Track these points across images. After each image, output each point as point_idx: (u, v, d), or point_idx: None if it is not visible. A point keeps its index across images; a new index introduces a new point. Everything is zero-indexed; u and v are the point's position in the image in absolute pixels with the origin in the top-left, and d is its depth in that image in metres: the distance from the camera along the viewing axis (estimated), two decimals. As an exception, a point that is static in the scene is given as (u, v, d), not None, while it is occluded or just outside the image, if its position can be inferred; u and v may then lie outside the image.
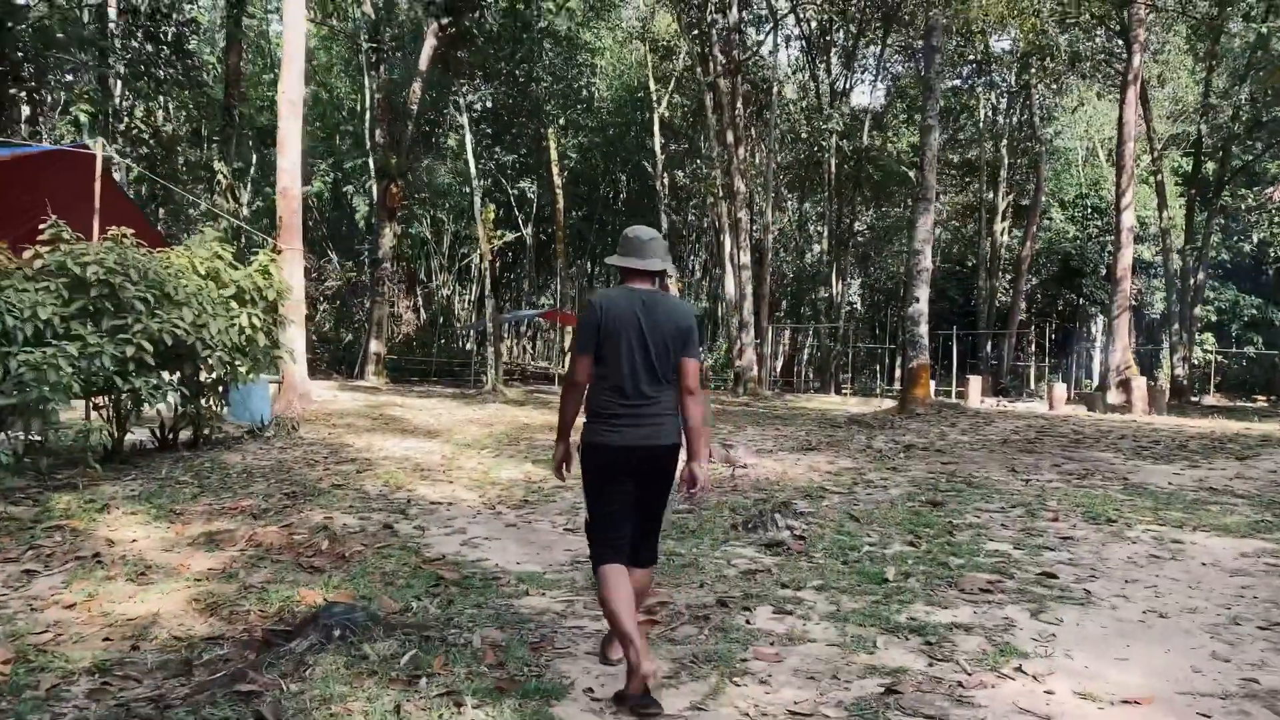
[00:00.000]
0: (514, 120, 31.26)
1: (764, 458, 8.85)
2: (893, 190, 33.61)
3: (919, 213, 14.73)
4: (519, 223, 33.92)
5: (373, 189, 26.98)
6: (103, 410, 7.92)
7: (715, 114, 24.14)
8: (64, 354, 6.33)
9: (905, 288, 18.32)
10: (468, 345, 34.88)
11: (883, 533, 5.56)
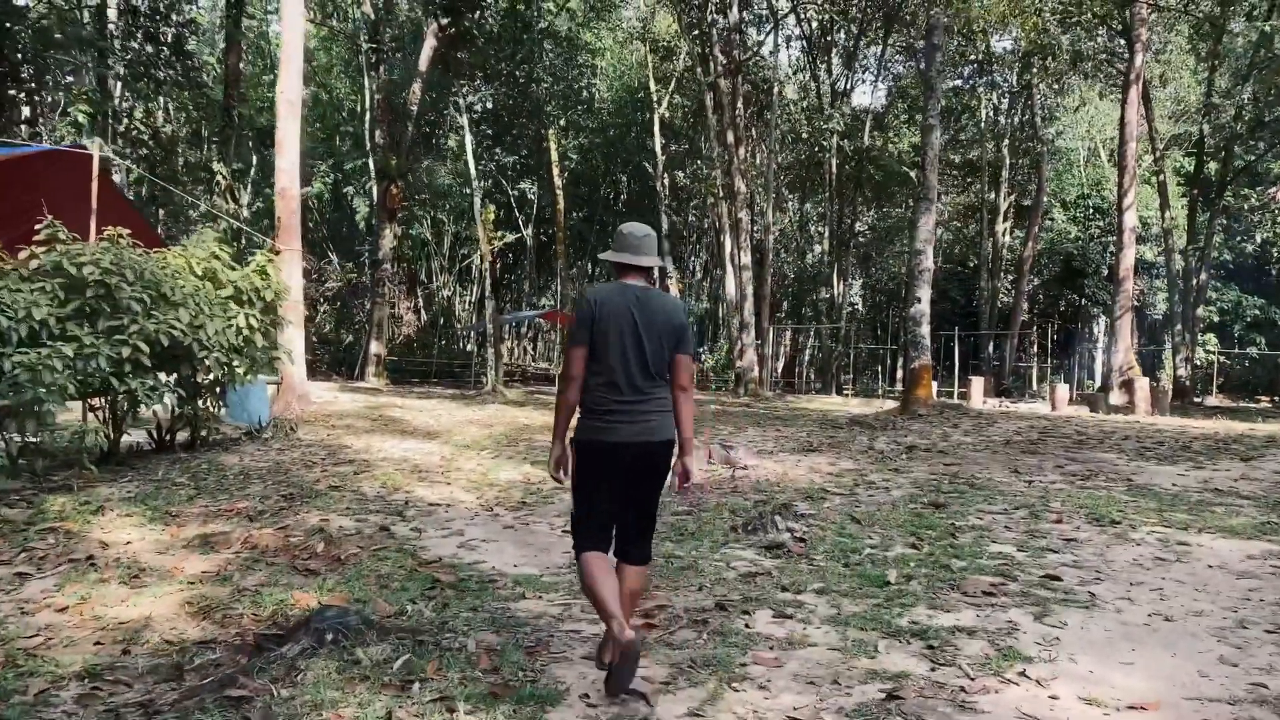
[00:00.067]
0: (514, 121, 31.24)
1: (764, 459, 8.80)
2: (894, 191, 33.56)
3: (920, 213, 14.69)
4: (519, 224, 33.89)
5: (373, 190, 26.97)
6: (99, 412, 7.88)
7: (716, 114, 24.10)
8: (59, 355, 6.29)
9: (907, 288, 18.28)
10: (468, 346, 34.85)
11: (884, 535, 5.50)
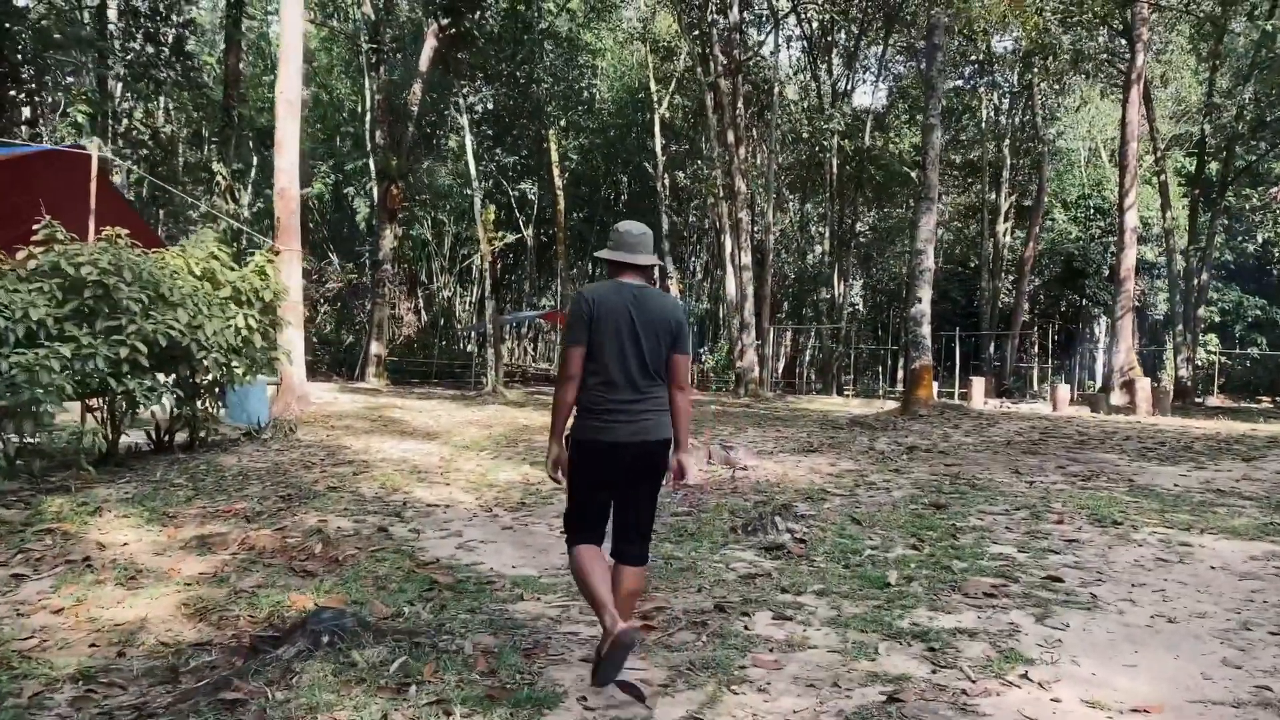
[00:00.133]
0: (515, 122, 31.24)
1: (765, 459, 8.77)
2: (895, 191, 33.52)
3: (921, 212, 14.66)
4: (520, 224, 33.87)
5: (373, 191, 26.95)
6: (97, 412, 7.86)
7: (716, 114, 24.07)
8: (57, 355, 6.27)
9: (908, 288, 18.25)
10: (469, 347, 34.83)
11: (885, 536, 5.47)
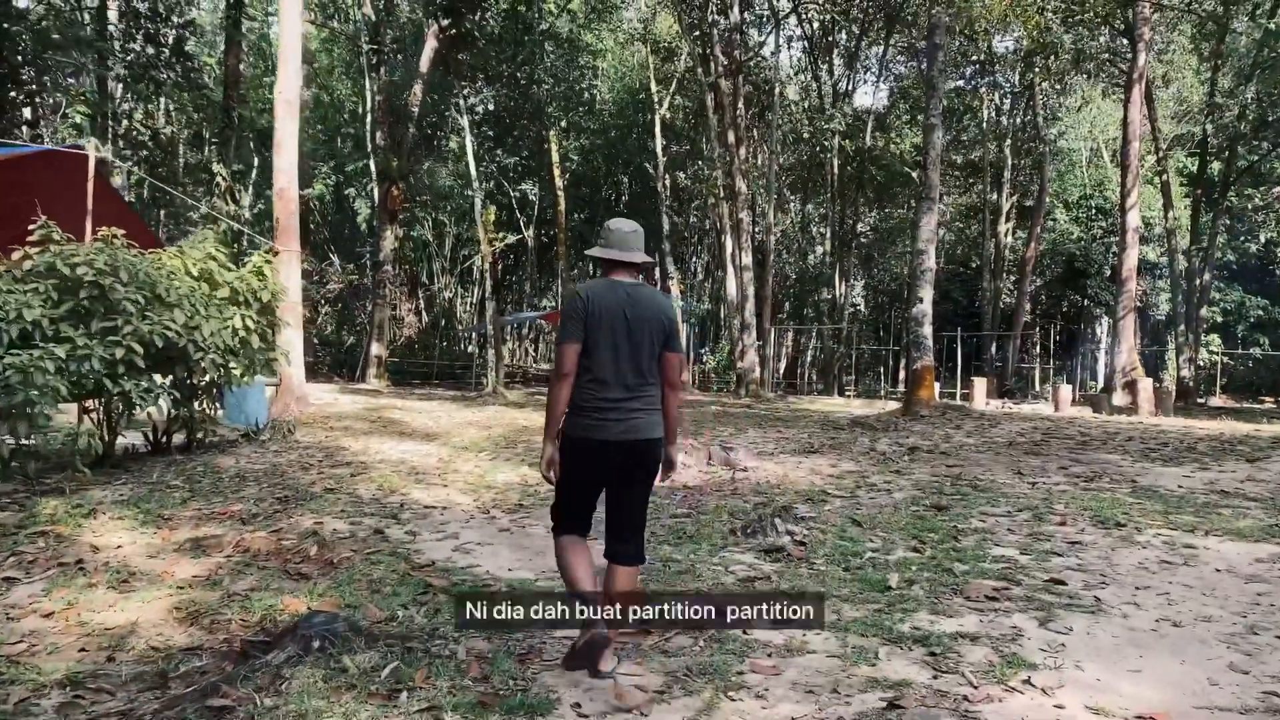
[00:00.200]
0: (515, 123, 31.22)
1: (765, 460, 8.72)
2: (896, 191, 33.48)
3: (922, 212, 14.60)
4: (521, 225, 33.84)
5: (374, 191, 26.93)
6: (93, 414, 7.81)
7: (717, 115, 24.03)
8: (51, 356, 6.23)
9: (909, 289, 18.20)
10: (469, 347, 34.80)
11: (886, 538, 5.41)
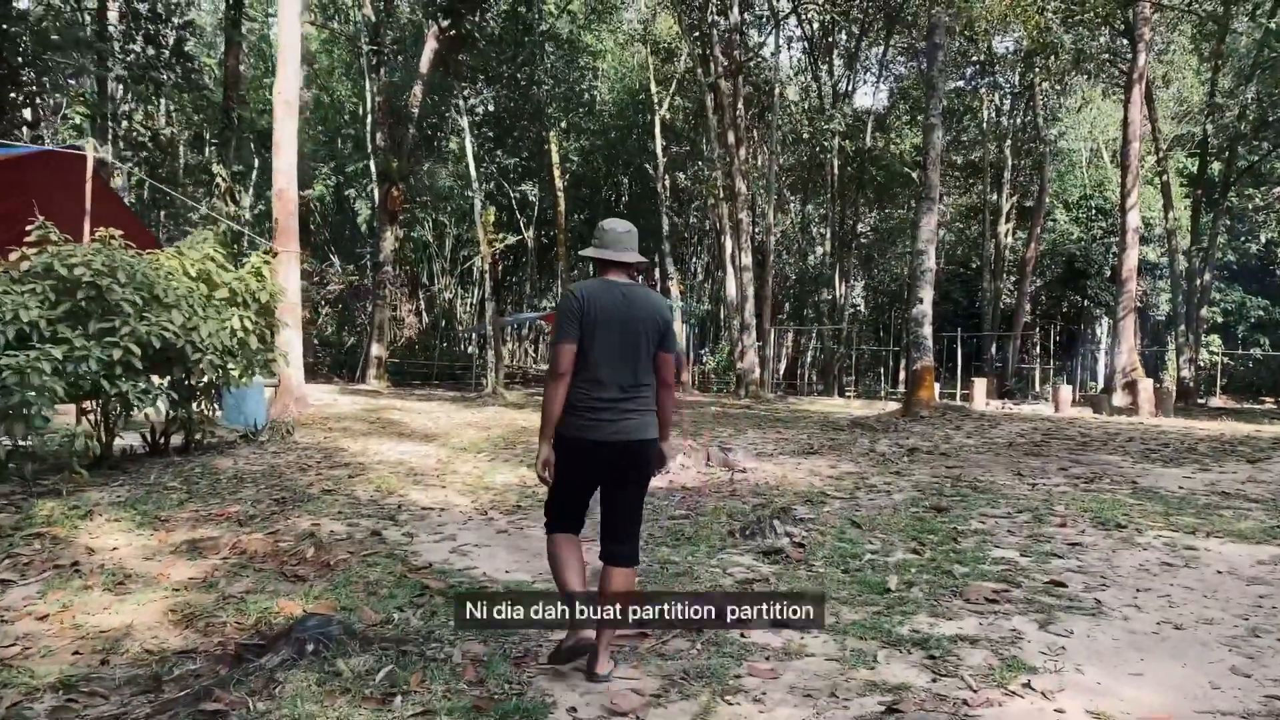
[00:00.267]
0: (515, 123, 31.20)
1: (764, 461, 8.69)
2: (896, 191, 33.47)
3: (922, 213, 14.58)
4: (521, 226, 33.83)
5: (374, 192, 26.91)
6: (91, 415, 7.79)
7: (716, 116, 24.01)
8: (48, 357, 6.20)
9: (909, 289, 18.17)
10: (469, 348, 34.78)
11: (885, 540, 5.39)
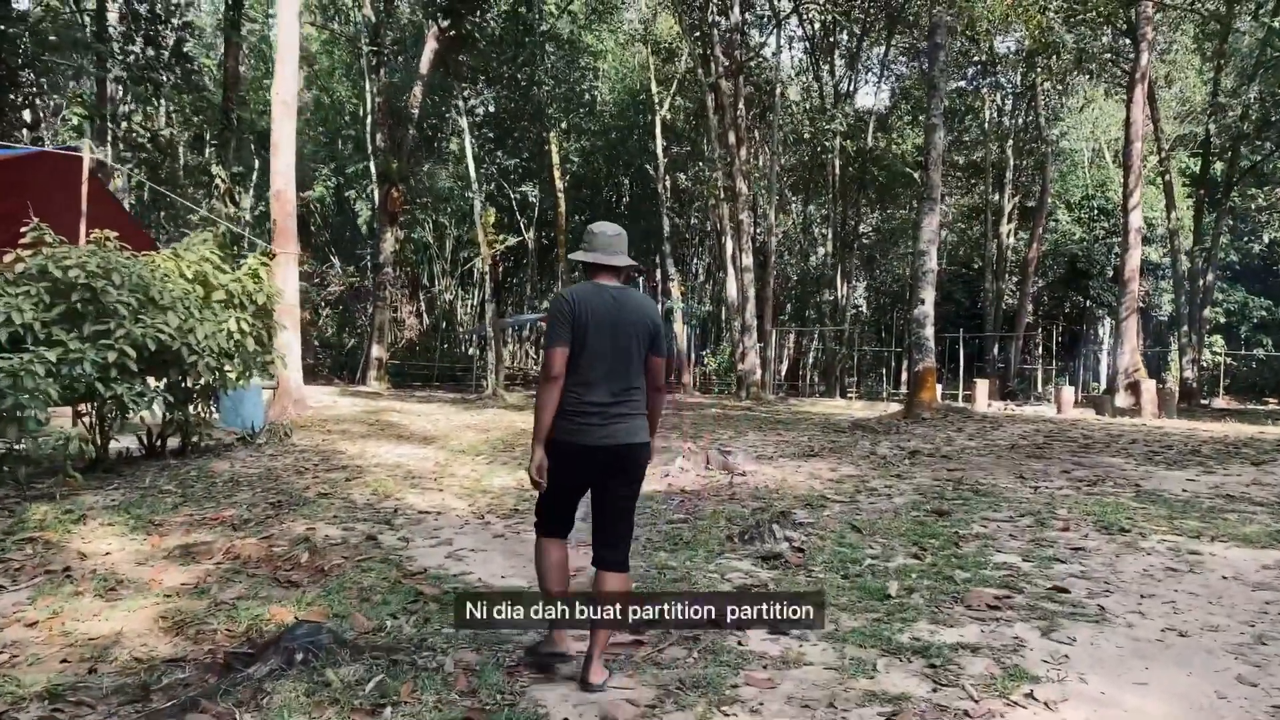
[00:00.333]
0: (516, 124, 31.16)
1: (764, 464, 8.63)
2: (898, 192, 33.40)
3: (924, 213, 14.52)
4: (521, 227, 33.78)
5: (374, 194, 26.88)
6: (86, 418, 7.74)
7: (717, 116, 23.96)
8: (42, 359, 6.16)
9: (911, 290, 18.11)
10: (470, 350, 34.74)
11: (886, 544, 5.33)
